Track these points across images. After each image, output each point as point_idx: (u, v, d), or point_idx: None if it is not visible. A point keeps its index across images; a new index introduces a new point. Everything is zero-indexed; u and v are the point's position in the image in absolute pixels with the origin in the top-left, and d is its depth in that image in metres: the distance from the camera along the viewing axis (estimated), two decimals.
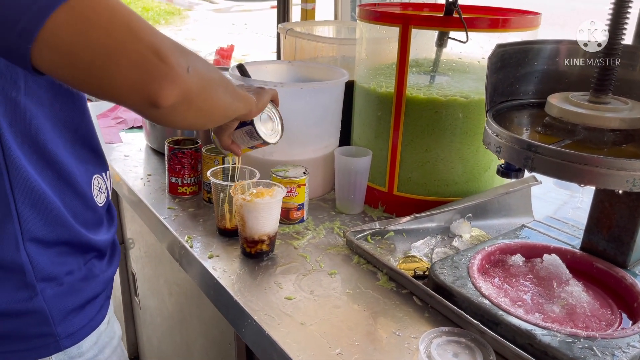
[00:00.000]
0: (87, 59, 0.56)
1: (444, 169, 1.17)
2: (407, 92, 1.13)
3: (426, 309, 0.90)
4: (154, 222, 1.21)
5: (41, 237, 0.76)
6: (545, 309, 0.88)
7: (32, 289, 0.76)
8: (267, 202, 0.99)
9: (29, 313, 0.77)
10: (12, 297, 0.75)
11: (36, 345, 0.79)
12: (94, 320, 0.85)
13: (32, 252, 0.75)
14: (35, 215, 0.75)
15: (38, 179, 0.74)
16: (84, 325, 0.83)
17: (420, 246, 1.09)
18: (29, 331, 0.77)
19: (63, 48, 0.55)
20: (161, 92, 0.58)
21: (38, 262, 0.76)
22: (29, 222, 0.75)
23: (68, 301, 0.80)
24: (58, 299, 0.79)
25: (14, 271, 0.75)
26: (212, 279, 0.97)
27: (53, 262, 0.78)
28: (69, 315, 0.81)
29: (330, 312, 0.88)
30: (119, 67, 0.56)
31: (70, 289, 0.81)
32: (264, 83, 1.15)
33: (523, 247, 1.03)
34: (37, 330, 0.78)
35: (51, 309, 0.78)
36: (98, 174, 0.86)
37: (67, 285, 0.80)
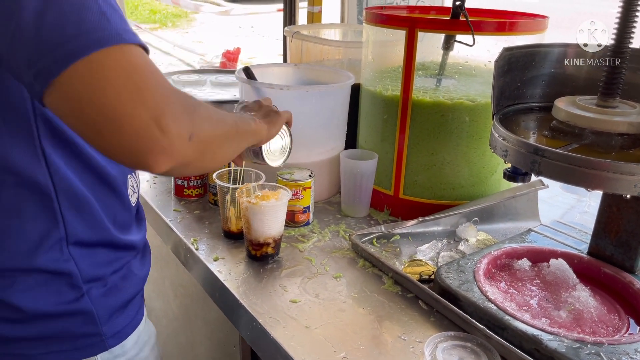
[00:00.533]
0: (92, 115, 0.57)
1: (450, 172, 1.17)
2: (413, 95, 1.13)
3: (432, 313, 0.90)
4: (159, 224, 1.22)
5: (84, 239, 0.78)
6: (551, 314, 0.87)
7: (79, 290, 0.77)
8: (272, 204, 0.99)
9: (76, 314, 0.78)
10: (60, 299, 0.76)
11: (83, 344, 0.79)
12: (135, 319, 0.87)
13: (77, 255, 0.77)
14: (79, 218, 0.76)
15: (78, 183, 0.75)
16: (127, 324, 0.84)
17: (426, 250, 1.09)
18: (76, 331, 0.78)
19: (72, 99, 0.57)
20: (155, 163, 0.59)
21: (83, 264, 0.77)
22: (73, 225, 0.76)
23: (112, 301, 0.82)
24: (103, 299, 0.80)
25: (61, 274, 0.76)
26: (217, 281, 0.98)
27: (97, 263, 0.80)
28: (114, 315, 0.82)
29: (335, 316, 0.88)
30: (121, 132, 0.57)
31: (114, 289, 0.82)
32: (269, 86, 1.16)
33: (530, 252, 1.02)
34: (85, 330, 0.79)
35: (98, 309, 0.79)
36: (130, 173, 0.87)
37: (110, 286, 0.82)
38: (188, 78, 1.62)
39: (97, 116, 0.56)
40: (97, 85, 0.56)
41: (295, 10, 2.53)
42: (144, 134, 0.57)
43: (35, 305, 0.74)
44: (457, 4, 1.04)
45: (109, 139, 0.58)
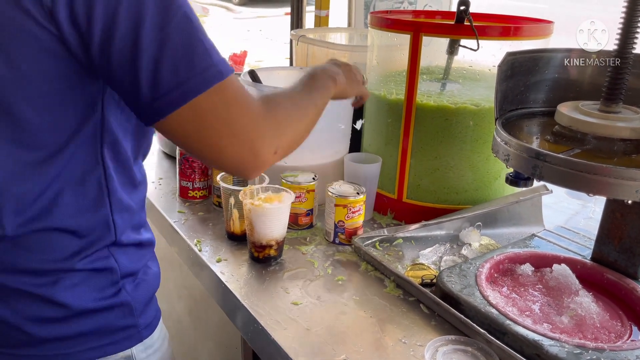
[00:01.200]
0: (196, 145, 0.69)
1: (453, 176, 1.17)
2: (418, 99, 1.13)
3: (433, 317, 0.90)
4: (164, 226, 1.22)
5: (122, 241, 0.80)
6: (553, 320, 0.87)
7: (116, 285, 0.79)
8: (275, 207, 1.00)
9: (116, 306, 0.79)
10: (102, 295, 0.78)
11: (120, 337, 0.80)
12: (158, 311, 0.89)
13: (117, 256, 0.79)
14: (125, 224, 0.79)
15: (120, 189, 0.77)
16: (155, 315, 0.86)
17: (428, 254, 1.09)
18: (115, 324, 0.79)
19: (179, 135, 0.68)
20: (250, 175, 0.74)
21: (122, 261, 0.79)
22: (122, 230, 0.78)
23: (143, 293, 0.83)
24: (136, 292, 0.82)
25: (106, 272, 0.78)
26: (220, 282, 0.98)
27: (132, 259, 0.82)
28: (146, 307, 0.84)
29: (337, 318, 0.88)
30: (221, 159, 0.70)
31: (142, 283, 0.84)
32: (275, 89, 1.16)
33: (532, 257, 1.02)
34: (123, 323, 0.80)
35: (134, 302, 0.81)
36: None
37: (139, 280, 0.83)
38: None
39: (199, 148, 0.69)
40: (199, 126, 0.66)
41: (303, 13, 2.54)
42: (240, 159, 0.70)
43: (79, 301, 0.75)
44: (461, 9, 1.04)
45: (213, 161, 0.71)
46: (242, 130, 0.68)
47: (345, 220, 1.09)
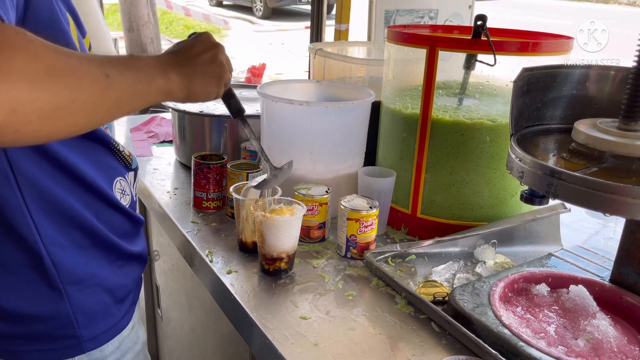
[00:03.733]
0: None
1: (469, 192, 1.15)
2: (433, 114, 1.12)
3: (444, 336, 0.88)
4: (177, 235, 1.23)
5: (63, 241, 0.79)
6: (569, 343, 0.84)
7: (59, 293, 0.79)
8: (286, 219, 0.99)
9: (54, 316, 0.79)
10: (38, 301, 0.78)
11: (61, 346, 0.81)
12: (118, 325, 0.88)
13: (56, 257, 0.78)
14: (52, 220, 0.77)
15: (52, 185, 0.76)
16: (107, 329, 0.85)
17: (441, 271, 1.07)
18: (54, 333, 0.80)
19: None
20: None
21: (63, 266, 0.79)
22: (46, 228, 0.77)
23: (93, 305, 0.83)
24: (83, 303, 0.81)
25: (41, 276, 0.78)
26: (229, 294, 0.98)
27: (78, 265, 0.81)
28: (94, 319, 0.83)
29: (345, 334, 0.87)
30: None
31: (96, 292, 0.83)
32: (289, 101, 1.16)
33: (549, 277, 1.00)
34: (62, 333, 0.81)
35: (76, 313, 0.81)
36: (120, 176, 0.88)
37: (93, 289, 0.83)
38: None
39: None
40: None
41: (323, 27, 2.56)
42: None
43: (15, 304, 0.76)
44: (478, 24, 1.03)
45: None
46: None
47: (358, 234, 1.08)
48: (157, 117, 1.96)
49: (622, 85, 0.79)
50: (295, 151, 1.23)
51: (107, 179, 0.86)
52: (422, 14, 2.41)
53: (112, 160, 0.88)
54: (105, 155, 0.87)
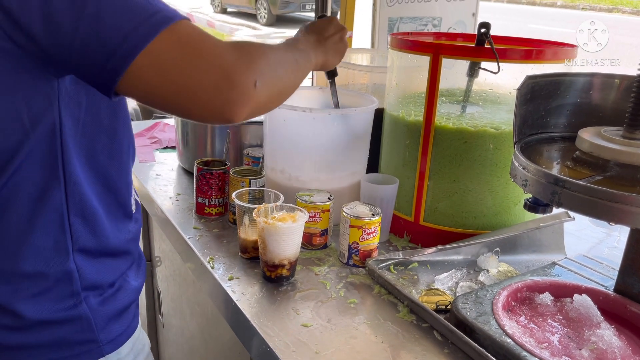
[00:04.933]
0: (165, 94, 0.65)
1: (472, 200, 1.14)
2: (436, 121, 1.12)
3: (446, 345, 0.87)
4: (178, 241, 1.22)
5: (89, 247, 0.80)
6: (573, 353, 0.83)
7: (77, 297, 0.79)
8: (288, 226, 0.99)
9: (74, 320, 0.79)
10: (59, 306, 0.78)
11: (80, 351, 0.81)
12: (130, 327, 0.88)
13: (80, 262, 0.79)
14: (85, 227, 0.78)
15: (89, 192, 0.78)
16: (122, 331, 0.86)
17: (444, 279, 1.06)
18: (74, 338, 0.80)
19: (145, 87, 0.64)
20: (234, 114, 0.67)
21: (84, 272, 0.79)
22: (79, 233, 0.78)
23: (109, 308, 0.83)
24: (100, 307, 0.82)
25: (63, 280, 0.78)
26: (231, 301, 0.97)
27: (98, 271, 0.81)
28: (110, 322, 0.83)
29: (347, 343, 0.86)
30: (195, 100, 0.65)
31: (110, 297, 0.84)
32: (292, 108, 1.16)
33: (552, 286, 0.99)
34: (82, 337, 0.80)
35: (95, 316, 0.81)
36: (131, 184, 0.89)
37: (107, 294, 0.83)
38: None
39: (169, 94, 0.65)
40: (161, 70, 0.63)
41: None
42: (219, 96, 0.64)
43: (35, 312, 0.75)
44: (482, 32, 1.03)
45: (189, 107, 0.66)
46: (208, 60, 0.64)
47: (360, 241, 1.08)
48: (160, 123, 1.97)
49: (627, 94, 0.79)
50: (298, 158, 1.22)
51: (127, 189, 0.87)
52: (426, 21, 2.41)
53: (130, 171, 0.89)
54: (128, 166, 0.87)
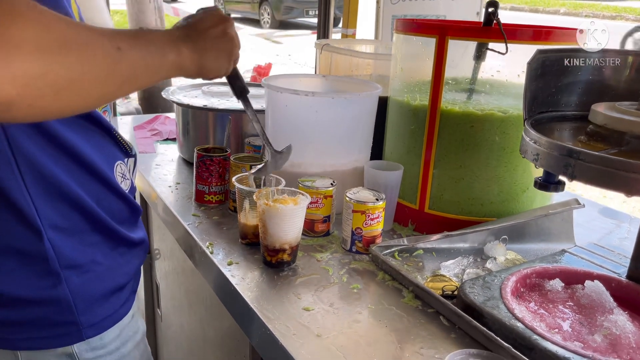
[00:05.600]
0: None
1: (478, 187, 1.11)
2: (442, 105, 1.09)
3: (453, 330, 0.84)
4: (177, 228, 1.20)
5: (63, 224, 0.77)
6: (585, 338, 0.80)
7: (57, 277, 0.76)
8: (290, 208, 0.96)
9: (53, 301, 0.77)
10: (36, 285, 0.75)
11: (59, 333, 0.79)
12: (118, 313, 0.85)
13: (55, 240, 0.76)
14: (51, 202, 0.75)
15: (52, 167, 0.75)
16: (107, 316, 0.83)
17: (450, 265, 1.03)
18: (53, 318, 0.77)
19: None
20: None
21: (62, 250, 0.76)
22: (46, 209, 0.75)
23: (93, 290, 0.80)
24: (82, 288, 0.79)
25: (38, 259, 0.75)
26: (229, 285, 0.94)
27: (77, 249, 0.79)
28: (93, 305, 0.80)
29: (349, 326, 0.83)
30: None
31: (95, 278, 0.81)
32: (294, 92, 1.14)
33: (563, 272, 0.95)
34: (61, 318, 0.78)
35: (75, 298, 0.78)
36: (120, 160, 0.86)
37: (92, 274, 0.80)
38: (217, 89, 1.63)
39: None
40: None
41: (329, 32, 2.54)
42: None
43: (12, 289, 0.74)
44: (489, 11, 1.00)
45: None
46: None
47: (363, 227, 1.04)
48: (161, 116, 1.94)
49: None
50: (300, 144, 1.19)
51: (107, 162, 0.84)
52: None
53: (112, 145, 0.87)
54: (105, 139, 0.85)
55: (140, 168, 1.48)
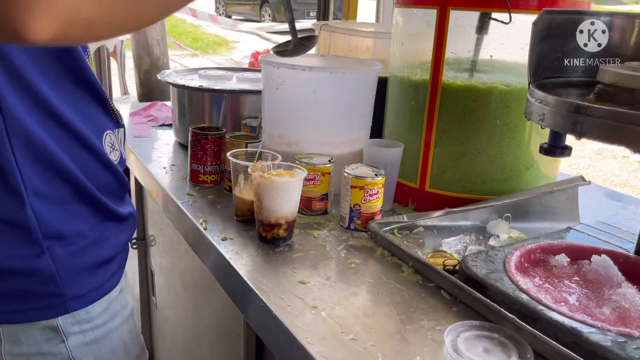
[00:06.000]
0: None
1: (481, 164, 1.08)
2: (444, 79, 1.06)
3: (454, 304, 0.80)
4: (171, 208, 1.16)
5: (47, 192, 0.74)
6: (593, 311, 0.77)
7: (39, 247, 0.74)
8: (286, 181, 0.93)
9: (35, 271, 0.74)
10: (18, 254, 0.73)
11: (43, 305, 0.76)
12: (105, 286, 0.82)
13: (39, 209, 0.73)
14: (37, 169, 0.73)
15: (40, 132, 0.72)
16: (93, 288, 0.80)
17: (452, 242, 0.99)
18: (36, 290, 0.75)
19: None
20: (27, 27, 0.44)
21: (45, 219, 0.74)
22: (31, 176, 0.72)
23: (78, 262, 0.77)
24: (67, 259, 0.76)
25: (20, 227, 0.72)
26: (223, 259, 0.91)
27: (62, 220, 0.76)
28: (79, 277, 0.77)
29: (346, 299, 0.80)
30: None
31: (81, 250, 0.78)
32: (291, 67, 1.11)
33: (568, 248, 0.92)
34: (45, 290, 0.75)
35: (59, 268, 0.75)
36: (110, 130, 0.83)
37: (77, 246, 0.78)
38: (214, 73, 1.60)
39: None
40: None
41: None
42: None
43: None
44: None
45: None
46: None
47: (362, 203, 1.01)
48: (157, 103, 1.91)
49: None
50: (297, 121, 1.16)
51: (96, 131, 0.81)
52: None
53: (102, 113, 0.84)
54: (96, 107, 0.82)
55: (135, 151, 1.45)
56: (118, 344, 0.85)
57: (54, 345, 0.77)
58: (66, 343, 0.77)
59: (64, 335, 0.77)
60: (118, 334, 0.84)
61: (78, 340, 0.79)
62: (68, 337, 0.78)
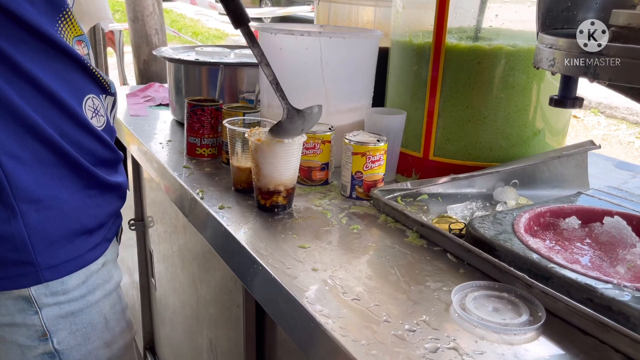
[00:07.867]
0: None
1: (486, 129, 1.04)
2: (447, 41, 1.02)
3: (461, 266, 0.77)
4: (167, 181, 1.13)
5: (20, 153, 0.70)
6: (607, 271, 0.73)
7: (11, 210, 0.70)
8: (285, 145, 0.89)
9: (5, 237, 0.70)
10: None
11: (14, 273, 0.71)
12: (84, 257, 0.77)
13: (11, 169, 0.69)
14: (7, 128, 0.69)
15: (8, 91, 0.68)
16: (70, 259, 0.75)
17: (457, 208, 0.96)
18: (5, 257, 0.71)
19: None
20: None
21: (19, 181, 0.70)
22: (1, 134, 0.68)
23: (53, 229, 0.73)
24: (41, 225, 0.72)
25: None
26: (221, 227, 0.87)
27: (39, 182, 0.71)
28: (53, 245, 0.73)
29: (348, 262, 0.76)
30: None
31: (56, 216, 0.73)
32: (289, 32, 1.07)
33: (579, 211, 0.88)
34: (15, 257, 0.71)
35: (31, 235, 0.71)
36: (93, 94, 0.79)
37: (53, 211, 0.73)
38: (211, 49, 1.57)
39: None
40: None
41: None
42: None
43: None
44: None
45: None
46: None
47: (364, 170, 0.98)
48: (154, 84, 1.88)
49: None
50: (296, 90, 1.12)
51: (74, 94, 0.76)
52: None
53: (84, 77, 0.79)
54: (76, 71, 0.77)
55: (131, 128, 1.41)
56: (98, 318, 0.81)
57: (27, 316, 0.73)
58: (40, 314, 0.74)
59: (37, 307, 0.73)
60: (98, 308, 0.80)
61: (53, 312, 0.75)
62: (42, 309, 0.74)
